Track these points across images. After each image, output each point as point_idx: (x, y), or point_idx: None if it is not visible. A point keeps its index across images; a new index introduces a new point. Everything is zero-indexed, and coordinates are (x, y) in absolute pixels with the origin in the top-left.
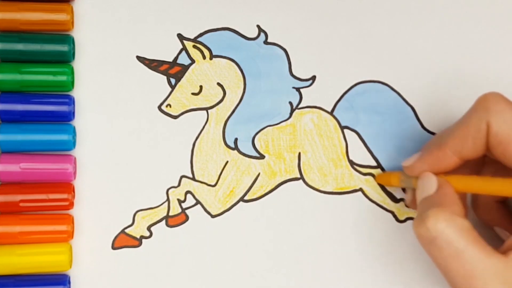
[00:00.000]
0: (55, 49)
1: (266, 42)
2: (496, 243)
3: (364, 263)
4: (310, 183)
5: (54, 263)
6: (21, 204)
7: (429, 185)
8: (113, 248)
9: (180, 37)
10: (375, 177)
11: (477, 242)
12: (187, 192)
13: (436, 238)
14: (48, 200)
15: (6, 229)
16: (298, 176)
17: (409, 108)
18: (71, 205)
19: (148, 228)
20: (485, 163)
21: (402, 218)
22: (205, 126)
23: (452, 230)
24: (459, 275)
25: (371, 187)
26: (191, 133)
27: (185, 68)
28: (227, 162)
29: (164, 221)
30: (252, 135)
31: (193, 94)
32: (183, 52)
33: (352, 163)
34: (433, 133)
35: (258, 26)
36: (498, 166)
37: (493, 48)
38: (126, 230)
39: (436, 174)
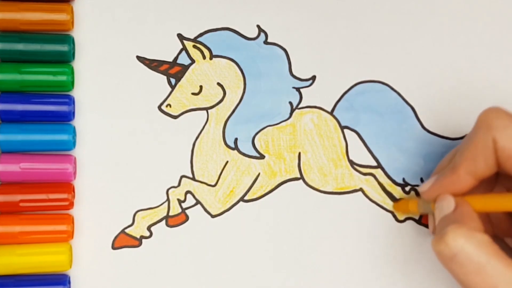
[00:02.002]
0: (55, 49)
1: (266, 42)
2: (508, 254)
3: (364, 263)
4: (310, 183)
5: (54, 263)
6: (21, 204)
7: (446, 205)
8: (113, 248)
9: (180, 37)
10: (398, 203)
11: (498, 255)
12: (187, 192)
13: (456, 255)
14: (48, 200)
15: (6, 229)
16: (298, 176)
17: (409, 108)
18: (71, 205)
19: (148, 228)
20: (497, 180)
21: (401, 218)
22: (205, 126)
23: (472, 245)
24: None
25: (371, 187)
26: (191, 133)
27: (185, 68)
28: (227, 162)
29: (164, 221)
30: (252, 135)
31: (193, 94)
32: (183, 52)
33: (352, 163)
34: (433, 133)
35: (258, 26)
36: (510, 182)
37: (493, 48)
38: (126, 230)
39: (454, 196)
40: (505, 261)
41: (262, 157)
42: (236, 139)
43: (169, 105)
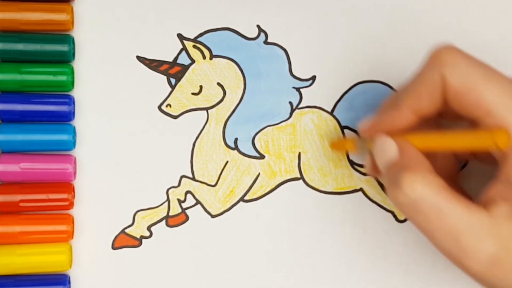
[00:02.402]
0: (55, 49)
1: (266, 42)
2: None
3: (364, 263)
4: (310, 183)
5: (54, 263)
6: (21, 204)
7: (389, 149)
8: (113, 248)
9: (180, 37)
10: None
11: (457, 198)
12: (187, 192)
13: (416, 202)
14: (48, 200)
15: (6, 229)
16: (298, 176)
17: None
18: (71, 205)
19: (148, 228)
20: (439, 124)
21: (402, 218)
22: (205, 126)
23: (431, 190)
24: (444, 234)
25: (371, 187)
26: (191, 133)
27: (185, 68)
28: (227, 162)
29: (164, 221)
30: (252, 135)
31: (193, 94)
32: (183, 52)
33: (352, 163)
34: None
35: (258, 26)
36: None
37: (494, 47)
38: (126, 230)
39: (394, 134)
40: (464, 203)
41: (262, 157)
42: (236, 139)
43: (169, 105)
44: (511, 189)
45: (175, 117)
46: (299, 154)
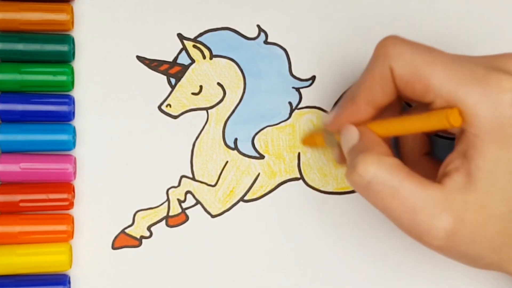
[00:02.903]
0: (55, 49)
1: (266, 42)
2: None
3: (364, 263)
4: (310, 183)
5: (54, 263)
6: (21, 204)
7: (351, 136)
8: (113, 248)
9: (180, 37)
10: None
11: (411, 176)
12: (187, 192)
13: (370, 182)
14: (48, 200)
15: (6, 229)
16: (298, 176)
17: (409, 108)
18: (71, 205)
19: (148, 228)
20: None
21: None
22: (205, 126)
23: (384, 170)
24: (402, 212)
25: None
26: (191, 133)
27: (185, 68)
28: (227, 162)
29: (164, 221)
30: (252, 135)
31: (193, 94)
32: (183, 52)
33: None
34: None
35: (258, 26)
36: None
37: (495, 47)
38: (126, 230)
39: (357, 125)
40: (418, 181)
41: (262, 157)
42: (236, 139)
43: (169, 105)
44: (464, 160)
45: (175, 117)
46: (299, 154)
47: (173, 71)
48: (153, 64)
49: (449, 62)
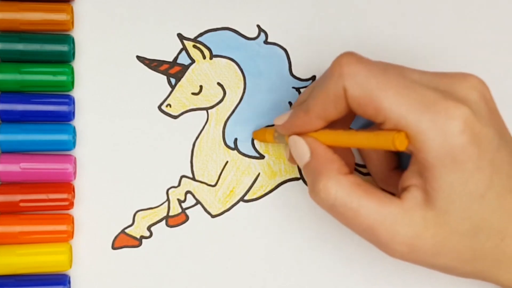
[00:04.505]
0: (55, 49)
1: (266, 42)
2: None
3: (364, 263)
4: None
5: (54, 263)
6: (21, 204)
7: (301, 151)
8: (113, 248)
9: (180, 37)
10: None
11: (369, 195)
12: (187, 192)
13: (333, 205)
14: (48, 200)
15: (6, 229)
16: (298, 176)
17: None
18: (71, 205)
19: (148, 228)
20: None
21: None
22: (205, 126)
23: (343, 192)
24: (364, 231)
25: None
26: (191, 133)
27: (185, 68)
28: (227, 162)
29: (164, 221)
30: (252, 135)
31: (193, 94)
32: (183, 52)
33: None
34: None
35: (258, 26)
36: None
37: (496, 47)
38: (126, 230)
39: (306, 133)
40: (375, 198)
41: (261, 157)
42: (236, 139)
43: (169, 105)
44: (420, 179)
45: (175, 117)
46: None
47: (173, 71)
48: (153, 64)
49: (401, 86)
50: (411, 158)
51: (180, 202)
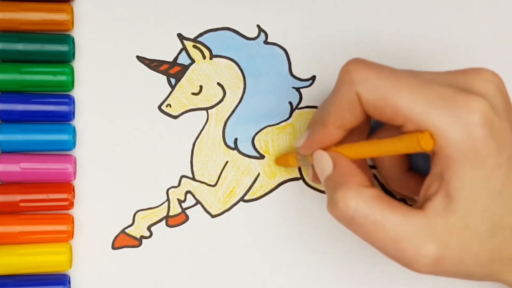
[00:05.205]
0: (55, 49)
1: (266, 42)
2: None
3: (364, 263)
4: (310, 183)
5: (54, 263)
6: (21, 204)
7: (325, 164)
8: (113, 248)
9: (180, 37)
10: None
11: (392, 207)
12: (187, 192)
13: (353, 217)
14: (48, 200)
15: (6, 229)
16: (298, 176)
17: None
18: (71, 205)
19: (148, 228)
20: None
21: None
22: (205, 126)
23: (365, 204)
24: (387, 244)
25: None
26: (191, 133)
27: (185, 68)
28: (227, 162)
29: (164, 221)
30: (252, 135)
31: (193, 94)
32: (183, 52)
33: None
34: None
35: (258, 26)
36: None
37: (497, 47)
38: (126, 230)
39: (328, 148)
40: (399, 210)
41: (262, 157)
42: (236, 139)
43: (169, 105)
44: (442, 181)
45: (175, 117)
46: None
47: (173, 71)
48: (153, 64)
49: (415, 84)
50: (432, 160)
51: (180, 202)
